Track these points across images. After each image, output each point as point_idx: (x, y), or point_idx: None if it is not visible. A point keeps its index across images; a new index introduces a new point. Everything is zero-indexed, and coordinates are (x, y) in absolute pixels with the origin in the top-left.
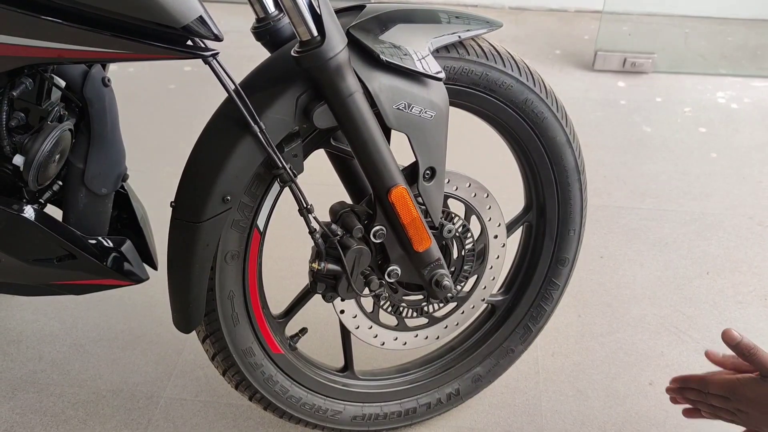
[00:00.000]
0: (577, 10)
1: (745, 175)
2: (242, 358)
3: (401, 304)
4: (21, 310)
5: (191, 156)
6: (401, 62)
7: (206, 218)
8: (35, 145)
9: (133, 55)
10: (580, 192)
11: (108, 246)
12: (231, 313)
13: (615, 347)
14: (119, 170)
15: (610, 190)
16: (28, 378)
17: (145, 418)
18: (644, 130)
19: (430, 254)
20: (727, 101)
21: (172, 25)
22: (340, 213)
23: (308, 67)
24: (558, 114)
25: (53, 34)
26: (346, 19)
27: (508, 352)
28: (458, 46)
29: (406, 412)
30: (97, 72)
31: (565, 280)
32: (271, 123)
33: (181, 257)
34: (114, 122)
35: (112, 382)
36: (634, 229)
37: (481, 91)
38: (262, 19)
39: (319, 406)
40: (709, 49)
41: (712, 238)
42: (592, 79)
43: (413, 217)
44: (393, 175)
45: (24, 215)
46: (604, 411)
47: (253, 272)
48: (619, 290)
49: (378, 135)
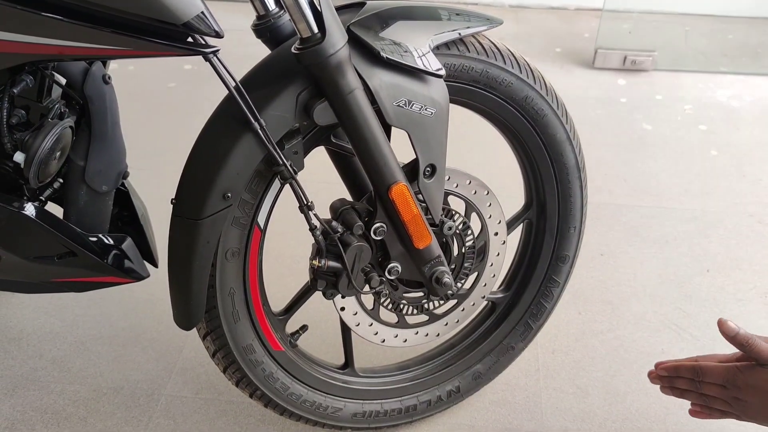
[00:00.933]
0: (577, 7)
1: (745, 172)
2: (243, 356)
3: (402, 302)
4: (22, 308)
5: (192, 153)
6: (402, 59)
7: (207, 215)
8: (36, 142)
9: (134, 51)
10: (581, 189)
11: (109, 243)
12: (231, 310)
13: (615, 344)
14: (120, 168)
15: (611, 188)
16: (28, 375)
17: (146, 415)
18: (644, 127)
19: (430, 251)
20: (728, 99)
21: (173, 22)
22: (340, 210)
23: (309, 64)
24: (558, 111)
25: (54, 31)
26: (347, 16)
27: (509, 350)
28: (459, 43)
29: (407, 409)
30: (97, 69)
31: (566, 277)
32: (272, 120)
33: (182, 254)
34: (114, 120)
35: (112, 380)
36: (635, 227)
37: (481, 88)
38: (262, 16)
39: (319, 404)
40: (710, 47)
41: (712, 235)
42: (592, 76)
43: (414, 214)
44: (393, 172)
45: (24, 212)
46: (604, 408)
47: (254, 269)
48: (620, 288)
49: (378, 132)
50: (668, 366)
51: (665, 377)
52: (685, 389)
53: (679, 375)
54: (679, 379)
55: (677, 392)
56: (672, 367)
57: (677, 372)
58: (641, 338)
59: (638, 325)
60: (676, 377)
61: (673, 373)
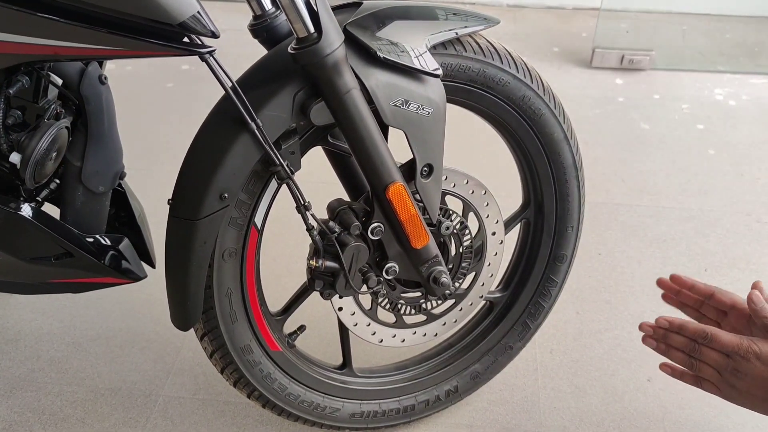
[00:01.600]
0: (574, 7)
1: (743, 171)
2: (240, 356)
3: (399, 302)
4: (19, 309)
5: (188, 153)
6: (398, 59)
7: (204, 216)
8: (32, 142)
9: (130, 52)
10: (578, 189)
11: (106, 244)
12: (229, 310)
13: (613, 344)
14: (116, 168)
15: (608, 187)
16: (26, 377)
17: (144, 416)
18: (642, 127)
19: (427, 251)
20: (725, 98)
21: (169, 22)
22: (337, 210)
23: (305, 64)
24: (555, 111)
25: (50, 31)
26: (343, 16)
27: (507, 349)
28: (455, 43)
29: (405, 409)
30: (93, 70)
31: (563, 276)
32: (269, 120)
33: (179, 255)
34: (111, 120)
35: (110, 381)
36: (632, 226)
37: (478, 87)
38: (258, 16)
39: (317, 404)
40: (707, 46)
41: (710, 234)
42: (589, 76)
43: (411, 214)
44: (390, 172)
45: (21, 213)
46: (602, 407)
47: (251, 270)
48: (617, 287)
49: (375, 132)
50: (674, 321)
51: (661, 329)
52: (676, 348)
53: (681, 333)
54: (676, 336)
55: (663, 348)
56: (678, 324)
57: (681, 329)
58: (639, 337)
59: (636, 324)
60: (673, 333)
61: (677, 329)
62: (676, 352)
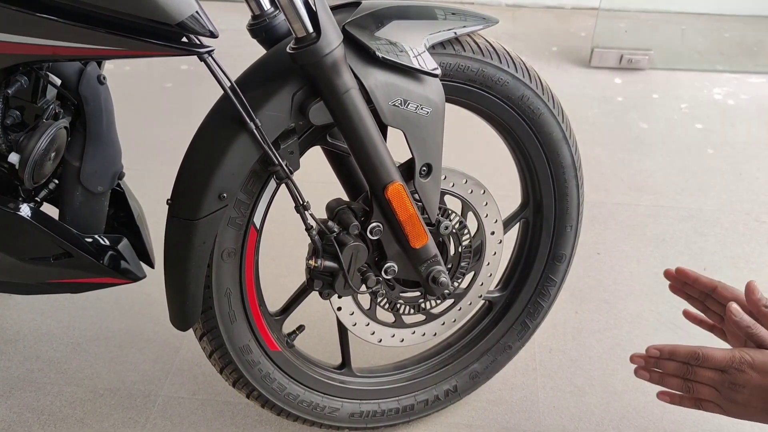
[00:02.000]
0: (573, 7)
1: (741, 171)
2: (239, 356)
3: (398, 301)
4: (18, 309)
5: (187, 153)
6: (397, 59)
7: (202, 216)
8: (31, 143)
9: (129, 52)
10: (577, 188)
11: (104, 244)
12: (228, 310)
13: (612, 343)
14: (115, 168)
15: (607, 187)
16: (25, 377)
17: (143, 416)
18: (641, 126)
19: (426, 251)
20: (724, 97)
21: (167, 22)
22: (336, 210)
23: (304, 64)
24: (554, 110)
25: (48, 31)
26: (342, 16)
27: (506, 349)
28: (454, 42)
29: (404, 409)
30: (92, 70)
31: (562, 276)
32: (267, 120)
33: (178, 255)
34: (110, 120)
35: (109, 381)
36: (631, 226)
37: (477, 87)
38: (257, 16)
39: (316, 404)
40: (706, 46)
41: (709, 234)
42: (588, 75)
43: (410, 213)
44: (389, 172)
45: (20, 214)
46: (601, 407)
47: (250, 270)
48: (616, 286)
49: (374, 131)
50: (664, 348)
51: (652, 359)
52: (670, 374)
53: (673, 358)
54: (668, 362)
55: (656, 376)
56: (668, 350)
57: (672, 355)
58: (638, 337)
59: (635, 323)
60: (665, 360)
61: (667, 356)
62: (671, 379)
